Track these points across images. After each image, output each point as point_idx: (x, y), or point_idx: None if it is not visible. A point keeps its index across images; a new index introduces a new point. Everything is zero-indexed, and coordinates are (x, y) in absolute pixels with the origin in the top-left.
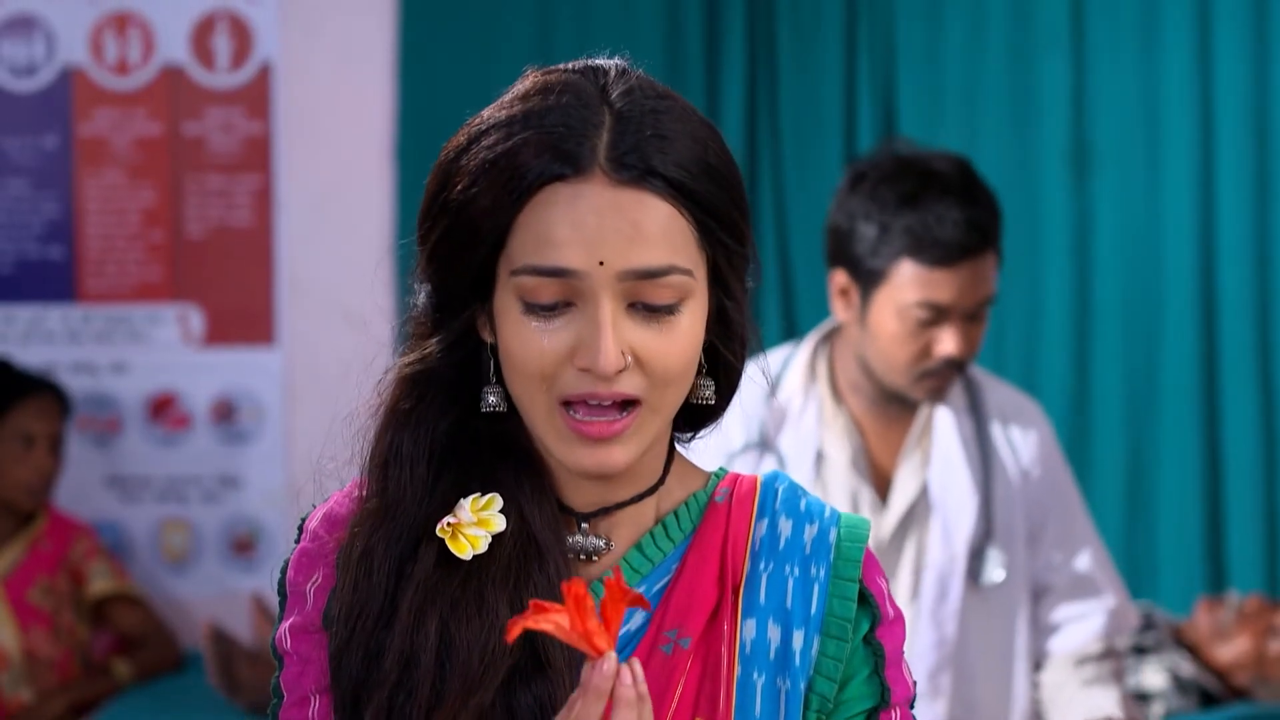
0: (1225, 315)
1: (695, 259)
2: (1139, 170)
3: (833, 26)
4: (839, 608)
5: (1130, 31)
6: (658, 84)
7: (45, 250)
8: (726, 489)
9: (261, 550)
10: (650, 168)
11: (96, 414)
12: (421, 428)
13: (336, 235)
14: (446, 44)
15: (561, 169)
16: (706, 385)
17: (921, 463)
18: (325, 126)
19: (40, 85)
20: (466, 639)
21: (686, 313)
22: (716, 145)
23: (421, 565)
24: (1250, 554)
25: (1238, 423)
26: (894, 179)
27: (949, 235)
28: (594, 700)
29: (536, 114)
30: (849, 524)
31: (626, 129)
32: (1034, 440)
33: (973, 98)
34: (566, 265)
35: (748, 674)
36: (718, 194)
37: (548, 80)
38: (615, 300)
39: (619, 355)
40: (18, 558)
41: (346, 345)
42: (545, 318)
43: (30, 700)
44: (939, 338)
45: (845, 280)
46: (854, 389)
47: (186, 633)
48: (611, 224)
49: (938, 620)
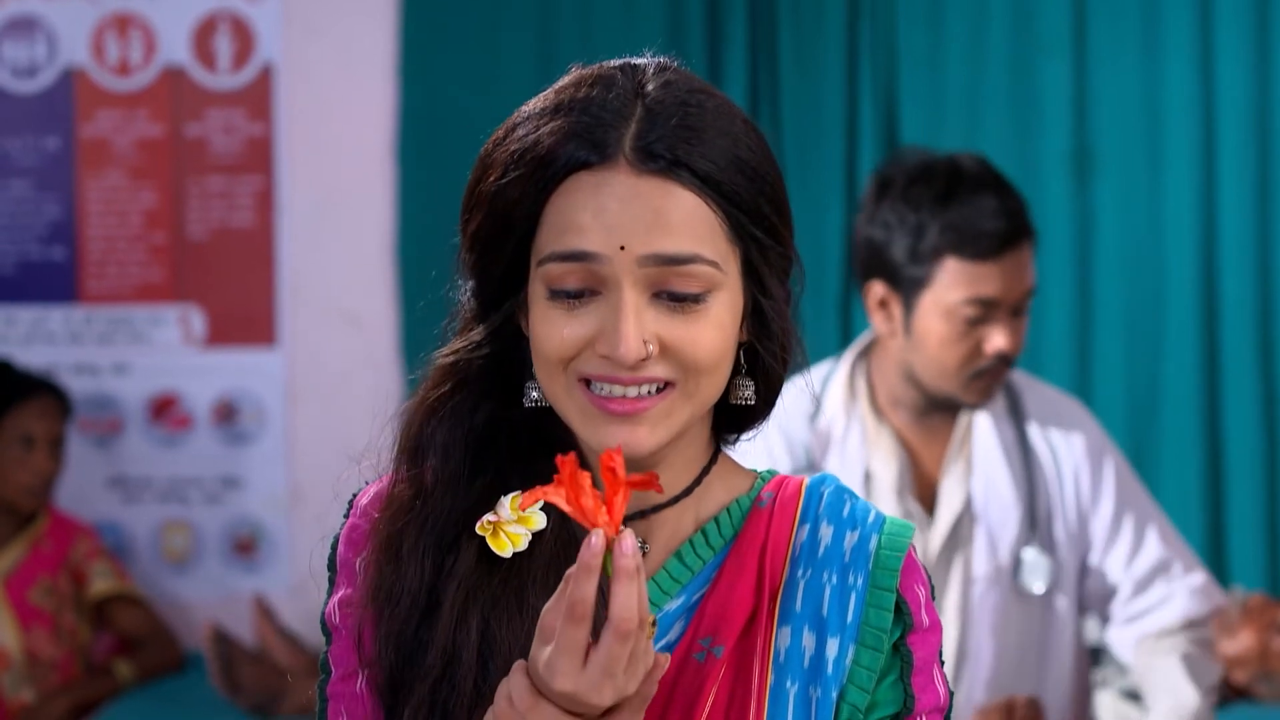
0: (1227, 318)
1: (724, 251)
2: (1141, 174)
3: (834, 29)
4: (875, 618)
5: (1132, 35)
6: (697, 79)
7: (47, 251)
8: (771, 493)
9: (263, 551)
10: (675, 158)
11: (98, 415)
12: (457, 417)
13: (338, 237)
14: (448, 45)
15: (586, 156)
16: (746, 385)
17: (965, 472)
18: (327, 128)
19: (42, 86)
20: (508, 638)
21: (715, 304)
22: (751, 140)
23: (463, 561)
24: (1252, 555)
25: (1239, 425)
26: (923, 180)
27: (990, 226)
28: (584, 576)
29: (566, 105)
30: (891, 531)
31: (656, 120)
32: (1079, 442)
33: (974, 101)
34: (587, 248)
35: (780, 682)
36: (747, 188)
37: (584, 74)
38: (638, 288)
39: (640, 343)
40: (19, 558)
41: (348, 347)
42: (569, 305)
43: (31, 701)
44: (988, 335)
45: (883, 291)
46: (895, 403)
47: (188, 634)
48: (633, 211)
49: (990, 629)
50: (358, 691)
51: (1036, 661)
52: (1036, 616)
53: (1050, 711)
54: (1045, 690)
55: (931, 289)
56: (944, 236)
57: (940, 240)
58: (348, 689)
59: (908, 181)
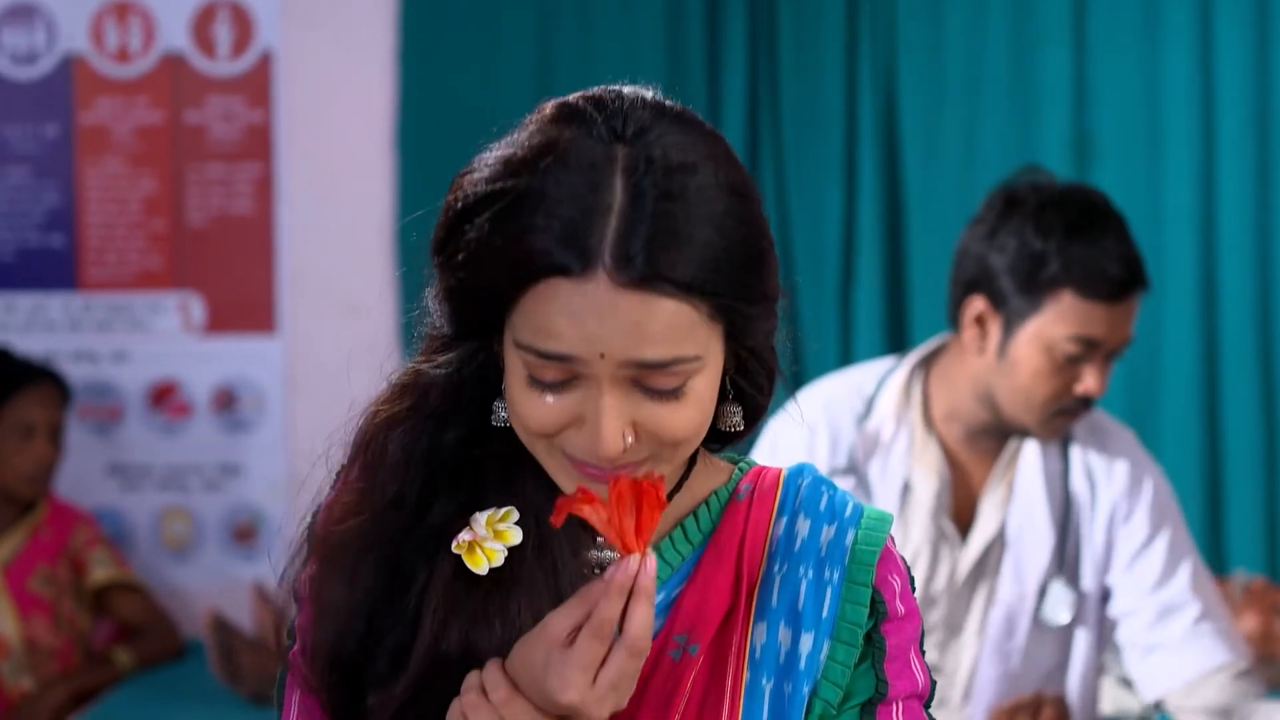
0: (1226, 305)
1: (704, 337)
2: (1140, 162)
3: (834, 18)
4: (851, 613)
5: (1131, 23)
6: (682, 135)
7: (46, 239)
8: (749, 485)
9: (262, 539)
10: (657, 272)
11: (97, 402)
12: (419, 434)
13: (337, 224)
14: (447, 33)
15: (566, 264)
16: (735, 412)
17: (1005, 498)
18: (326, 115)
19: (41, 73)
20: (490, 654)
21: (695, 385)
22: (735, 219)
23: (439, 579)
24: (1250, 541)
25: (1238, 413)
26: (1057, 206)
27: (1115, 270)
28: (615, 596)
29: (540, 194)
30: (868, 525)
31: (637, 222)
32: (1121, 472)
33: (974, 89)
34: (566, 352)
35: (756, 679)
36: (730, 276)
37: (559, 143)
38: (617, 385)
39: (620, 441)
40: (18, 546)
41: (347, 334)
42: (549, 390)
43: (31, 689)
44: (1081, 375)
45: (984, 308)
46: (950, 418)
47: (187, 621)
48: (612, 325)
49: (1003, 654)
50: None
51: (1059, 689)
52: (1052, 648)
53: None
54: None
55: (1038, 318)
56: (1070, 269)
57: (1061, 273)
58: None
59: (1039, 204)
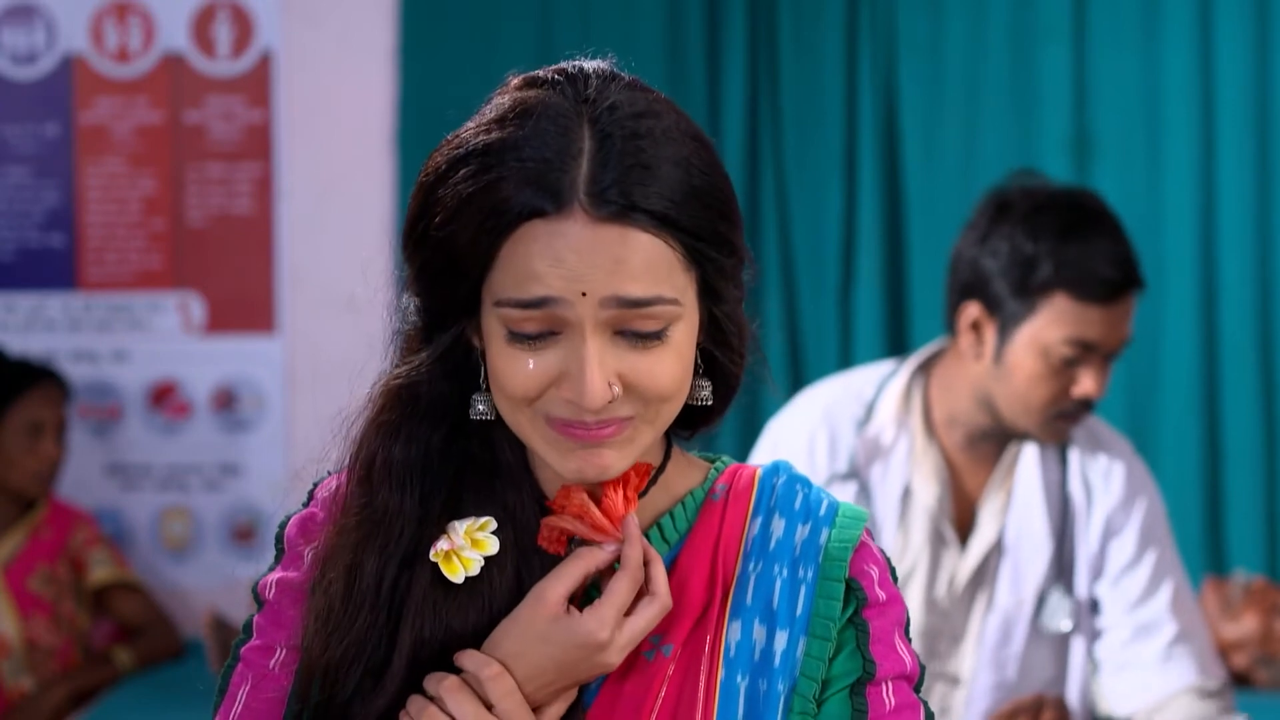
0: (1226, 303)
1: (682, 282)
2: (1140, 160)
3: (834, 15)
4: (824, 608)
5: (1131, 21)
6: (642, 93)
7: (46, 238)
8: (725, 485)
9: (262, 538)
10: (632, 203)
11: (97, 402)
12: (411, 443)
13: (337, 224)
14: (447, 33)
15: (541, 205)
16: (704, 386)
17: (1004, 505)
18: (326, 115)
19: (41, 73)
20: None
21: (675, 334)
22: (701, 160)
23: (418, 586)
24: (1250, 540)
25: (1237, 411)
26: (1048, 209)
27: (1108, 271)
28: (638, 541)
29: (513, 144)
30: (842, 524)
31: (607, 158)
32: (1118, 482)
33: (974, 87)
34: (548, 294)
35: (731, 678)
36: (703, 215)
37: (526, 101)
38: (600, 330)
39: (605, 389)
40: (18, 546)
41: (347, 334)
42: (530, 345)
43: (31, 689)
44: (1079, 377)
45: (979, 313)
46: (950, 423)
47: (187, 621)
48: (592, 259)
49: (999, 662)
50: (271, 667)
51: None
52: (1049, 656)
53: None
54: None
55: (1033, 322)
56: (1062, 272)
57: (1057, 275)
58: (262, 660)
59: (1031, 208)
